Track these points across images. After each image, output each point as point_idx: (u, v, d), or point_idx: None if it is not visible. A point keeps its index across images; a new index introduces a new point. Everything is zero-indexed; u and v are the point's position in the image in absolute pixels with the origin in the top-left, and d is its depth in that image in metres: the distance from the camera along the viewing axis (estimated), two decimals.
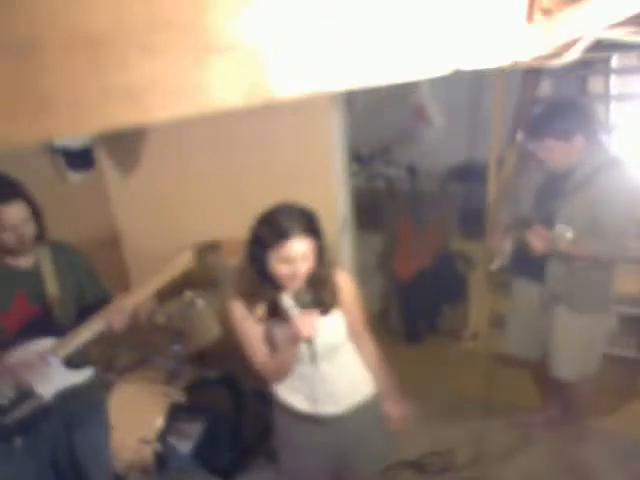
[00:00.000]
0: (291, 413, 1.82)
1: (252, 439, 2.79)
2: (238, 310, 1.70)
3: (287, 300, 1.63)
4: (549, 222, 2.27)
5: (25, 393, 1.83)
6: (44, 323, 1.85)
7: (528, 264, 2.40)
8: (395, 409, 1.90)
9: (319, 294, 1.66)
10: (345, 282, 1.78)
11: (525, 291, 2.57)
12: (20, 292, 1.83)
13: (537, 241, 2.25)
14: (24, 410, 1.83)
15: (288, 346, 1.63)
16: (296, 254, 1.56)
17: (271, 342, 1.71)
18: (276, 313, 1.67)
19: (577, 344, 2.46)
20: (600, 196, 2.20)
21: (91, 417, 2.08)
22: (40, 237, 1.84)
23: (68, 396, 1.91)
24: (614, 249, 2.29)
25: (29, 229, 1.76)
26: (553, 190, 2.34)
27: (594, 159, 2.24)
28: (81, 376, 1.96)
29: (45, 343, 1.84)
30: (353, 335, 1.81)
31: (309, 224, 1.59)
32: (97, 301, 1.96)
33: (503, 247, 2.45)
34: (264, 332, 1.71)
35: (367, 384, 1.87)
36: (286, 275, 1.59)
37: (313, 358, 1.62)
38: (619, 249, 2.32)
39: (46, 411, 1.87)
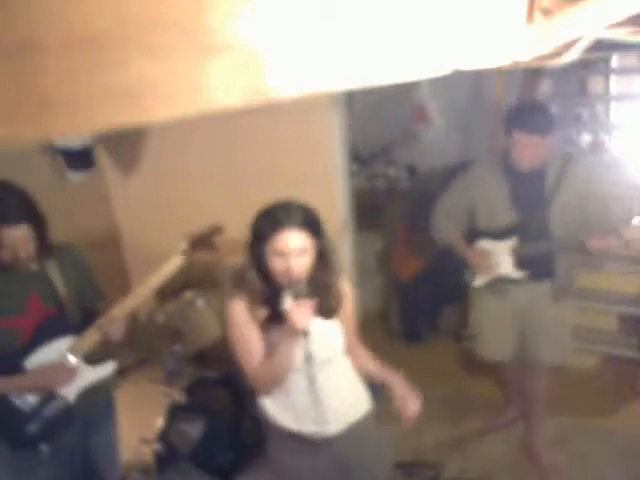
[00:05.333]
0: (284, 435, 1.71)
1: (252, 439, 2.79)
2: (237, 310, 1.63)
3: (286, 297, 1.55)
4: (541, 226, 2.29)
5: (48, 396, 1.81)
6: (59, 323, 1.84)
7: (534, 266, 2.39)
8: (407, 405, 1.69)
9: (322, 298, 1.60)
10: (347, 291, 1.74)
11: (509, 295, 2.48)
12: (32, 294, 1.80)
13: (608, 243, 2.19)
14: (48, 414, 1.81)
15: (284, 343, 1.55)
16: (290, 247, 1.51)
17: (269, 349, 1.62)
18: (277, 319, 1.58)
19: (568, 326, 2.57)
20: (583, 185, 2.28)
21: (106, 415, 2.07)
22: (44, 251, 1.79)
23: (88, 394, 1.89)
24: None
25: (26, 250, 1.72)
26: (528, 193, 2.33)
27: (555, 156, 2.31)
28: (104, 371, 1.95)
29: (64, 343, 1.83)
30: (348, 347, 1.75)
31: (307, 220, 1.55)
32: (92, 304, 1.96)
33: (491, 262, 2.43)
34: (262, 337, 1.63)
35: (364, 401, 1.80)
36: (280, 270, 1.54)
37: (309, 359, 1.56)
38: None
39: (69, 412, 1.85)
